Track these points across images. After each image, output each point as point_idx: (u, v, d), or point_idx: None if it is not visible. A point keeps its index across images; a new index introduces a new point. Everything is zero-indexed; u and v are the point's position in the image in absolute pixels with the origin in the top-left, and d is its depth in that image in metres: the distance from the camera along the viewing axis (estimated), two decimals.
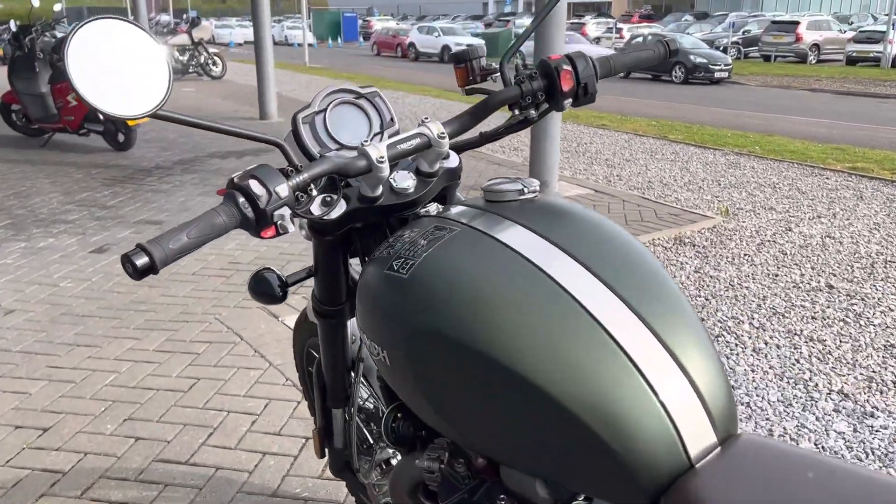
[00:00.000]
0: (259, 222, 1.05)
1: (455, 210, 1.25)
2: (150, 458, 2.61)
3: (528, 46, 25.69)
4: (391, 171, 1.31)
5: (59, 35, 8.81)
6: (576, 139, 9.68)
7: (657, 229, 5.34)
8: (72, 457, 2.62)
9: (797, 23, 26.07)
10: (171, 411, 2.90)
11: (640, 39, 21.88)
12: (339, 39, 42.40)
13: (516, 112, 1.41)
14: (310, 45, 30.30)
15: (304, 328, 1.91)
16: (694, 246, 5.07)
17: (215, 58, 17.67)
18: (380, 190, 1.31)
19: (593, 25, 33.54)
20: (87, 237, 5.05)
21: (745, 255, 4.90)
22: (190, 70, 17.49)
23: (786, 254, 4.95)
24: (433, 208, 1.35)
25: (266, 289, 1.43)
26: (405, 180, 1.33)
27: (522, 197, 1.20)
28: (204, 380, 3.13)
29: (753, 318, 3.89)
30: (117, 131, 7.93)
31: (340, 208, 1.27)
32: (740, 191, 6.69)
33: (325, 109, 1.39)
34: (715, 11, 43.95)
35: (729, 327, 3.78)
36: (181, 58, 17.24)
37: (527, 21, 40.59)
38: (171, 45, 16.94)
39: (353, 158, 1.22)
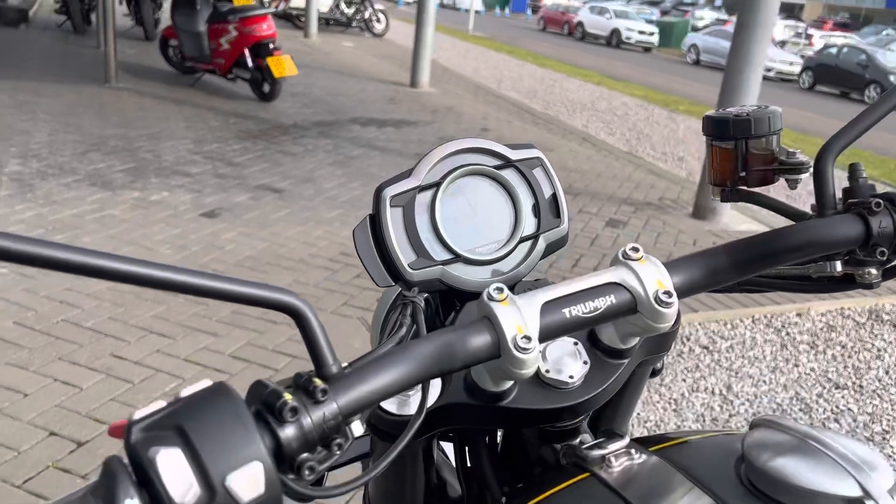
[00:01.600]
0: None
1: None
2: None
3: (705, 42, 23.92)
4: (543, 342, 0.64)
5: None
6: None
7: (830, 299, 4.36)
8: None
9: None
10: None
11: (832, 51, 19.72)
12: (506, 9, 41.56)
13: (836, 265, 0.71)
14: (477, 11, 29.70)
15: None
16: None
17: (380, 14, 17.42)
18: (509, 383, 0.65)
19: (781, 27, 30.89)
20: (203, 196, 4.70)
21: None
22: (353, 24, 17.34)
23: None
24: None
25: None
26: (566, 365, 0.67)
27: None
28: None
29: None
30: (263, 81, 7.66)
31: (418, 415, 0.61)
32: None
33: (438, 184, 0.74)
34: None
35: None
36: (346, 10, 17.11)
37: (707, 13, 38.12)
38: None
39: (459, 333, 0.57)
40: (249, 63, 7.55)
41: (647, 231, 5.02)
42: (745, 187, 0.78)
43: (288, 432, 0.45)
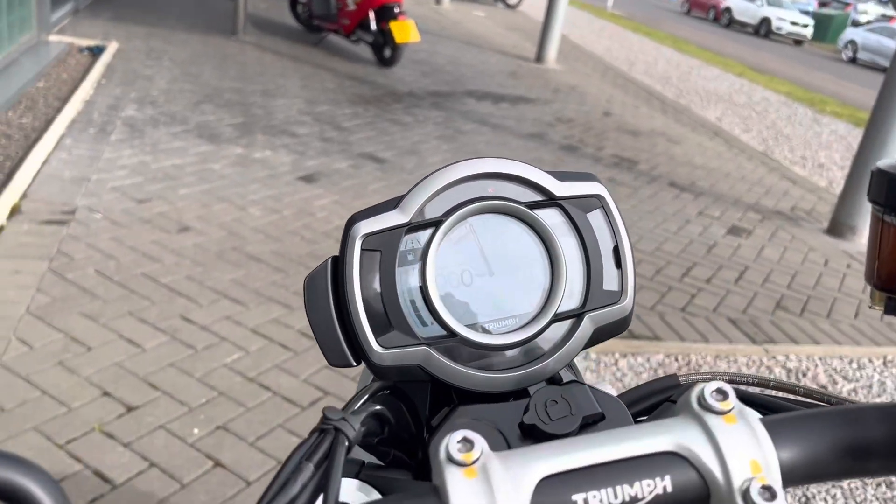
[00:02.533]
0: None
1: None
2: (221, 498, 1.99)
3: (865, 38, 21.87)
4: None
5: None
6: None
7: None
8: (134, 465, 2.07)
9: None
10: (291, 423, 2.25)
11: None
12: None
13: None
14: None
15: None
16: None
17: None
18: None
19: None
20: (304, 159, 4.61)
21: None
22: None
23: None
24: None
25: None
26: None
27: None
28: (334, 397, 2.45)
29: None
30: (385, 45, 7.53)
31: None
32: None
33: (438, 223, 0.49)
34: None
35: None
36: None
37: (872, 7, 35.14)
38: None
39: None
40: (373, 26, 7.42)
41: (772, 244, 4.54)
42: None
43: None
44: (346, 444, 0.43)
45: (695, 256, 4.16)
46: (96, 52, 6.07)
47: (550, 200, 0.52)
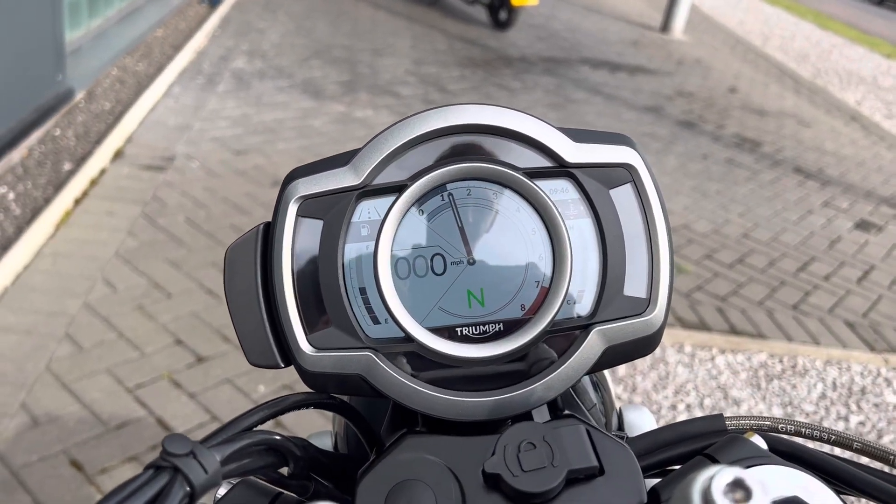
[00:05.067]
0: None
1: None
2: None
3: None
4: None
5: None
6: None
7: None
8: (196, 416, 2.06)
9: None
10: None
11: None
12: None
13: None
14: None
15: None
16: None
17: None
18: None
19: None
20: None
21: None
22: None
23: None
24: None
25: None
26: None
27: None
28: None
29: None
30: (501, 7, 7.30)
31: None
32: None
33: (400, 188, 0.34)
34: None
35: None
36: None
37: None
38: None
39: None
40: None
41: None
42: None
43: None
44: (187, 489, 0.30)
45: (814, 250, 3.80)
46: (214, 3, 6.18)
47: (560, 168, 0.37)
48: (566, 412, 0.39)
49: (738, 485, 0.24)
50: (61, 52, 3.72)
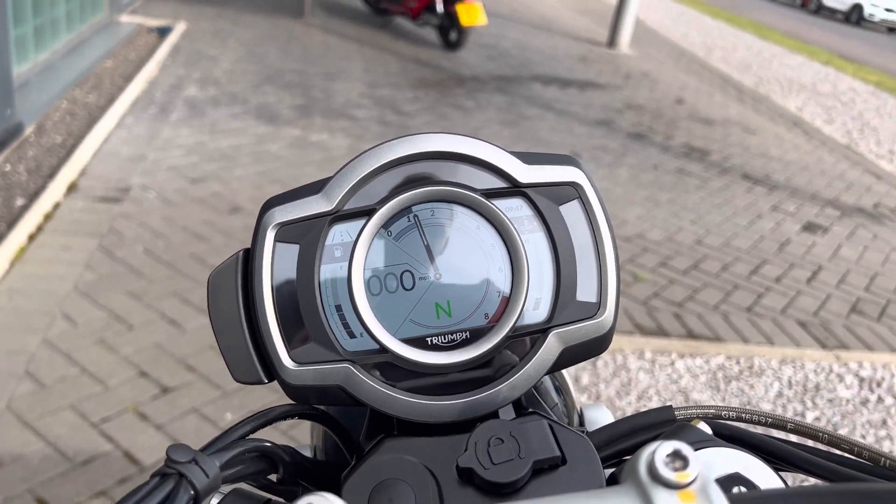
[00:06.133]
0: None
1: None
2: None
3: None
4: None
5: None
6: None
7: None
8: (164, 447, 2.05)
9: None
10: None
11: None
12: None
13: None
14: None
15: None
16: None
17: None
18: None
19: None
20: (361, 142, 4.56)
21: None
22: None
23: None
24: None
25: None
26: None
27: None
28: None
29: None
30: (451, 28, 7.41)
31: None
32: None
33: (370, 211, 0.38)
34: None
35: None
36: None
37: None
38: None
39: None
40: (439, 8, 7.31)
41: (850, 243, 4.25)
42: None
43: None
44: (192, 493, 0.33)
45: (765, 253, 3.92)
46: (164, 32, 6.15)
47: (514, 188, 0.41)
48: (530, 410, 0.42)
49: (676, 455, 0.27)
50: (9, 87, 3.68)
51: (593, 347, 0.42)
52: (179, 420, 2.15)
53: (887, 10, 23.31)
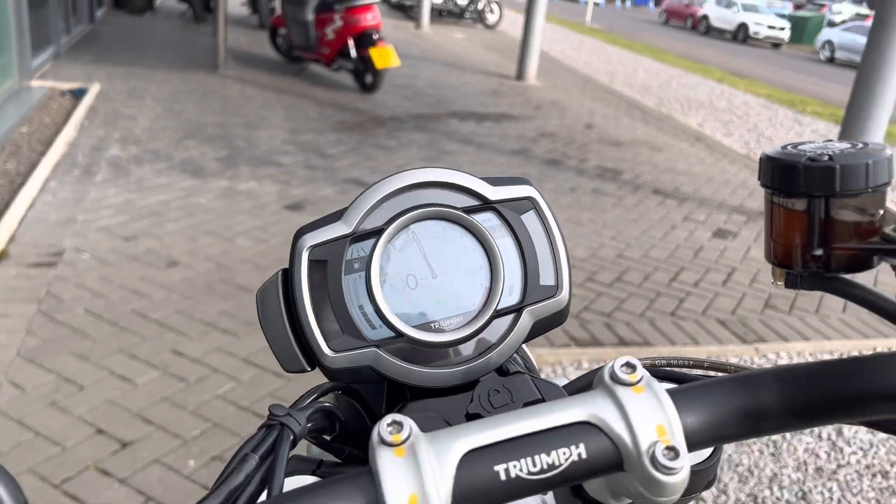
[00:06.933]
0: None
1: None
2: None
3: (841, 38, 22.12)
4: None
5: None
6: None
7: None
8: (130, 500, 2.08)
9: None
10: None
11: None
12: (627, 2, 40.38)
13: None
14: (596, 3, 29.01)
15: None
16: None
17: (494, 5, 17.18)
18: None
19: None
20: (290, 188, 4.65)
21: None
22: (466, 15, 17.18)
23: None
24: None
25: None
26: None
27: None
28: None
29: None
30: (366, 71, 7.60)
31: None
32: None
33: (380, 231, 0.52)
34: None
35: None
36: (460, 1, 16.96)
37: (847, 7, 35.56)
38: None
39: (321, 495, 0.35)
40: (353, 53, 7.50)
41: (758, 244, 4.58)
42: (823, 272, 0.51)
43: None
44: (292, 437, 0.45)
45: (682, 261, 4.19)
46: (78, 94, 6.11)
47: (486, 205, 0.55)
48: (513, 370, 0.55)
49: (628, 364, 0.41)
50: None
51: (556, 319, 0.55)
52: (142, 472, 2.18)
53: (770, 27, 24.94)
